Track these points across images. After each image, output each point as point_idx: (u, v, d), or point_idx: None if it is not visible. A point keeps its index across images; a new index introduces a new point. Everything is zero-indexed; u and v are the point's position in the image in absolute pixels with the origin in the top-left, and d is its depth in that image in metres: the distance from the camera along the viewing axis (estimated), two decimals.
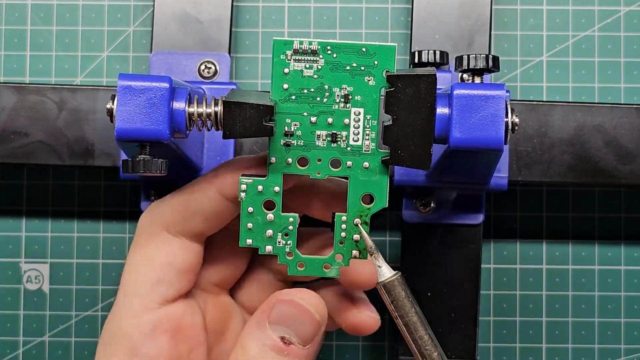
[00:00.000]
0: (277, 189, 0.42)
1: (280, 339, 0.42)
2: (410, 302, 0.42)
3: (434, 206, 0.52)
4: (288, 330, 0.42)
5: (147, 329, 0.43)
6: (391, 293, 0.42)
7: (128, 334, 0.43)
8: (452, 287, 0.52)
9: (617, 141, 0.50)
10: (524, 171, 0.50)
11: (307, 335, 0.42)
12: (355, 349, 0.56)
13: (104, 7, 0.56)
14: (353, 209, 0.43)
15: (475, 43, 0.52)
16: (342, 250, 0.43)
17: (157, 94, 0.41)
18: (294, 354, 0.42)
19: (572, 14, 0.56)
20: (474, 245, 0.52)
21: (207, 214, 0.44)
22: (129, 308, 0.44)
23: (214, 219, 0.44)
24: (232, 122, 0.40)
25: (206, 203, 0.43)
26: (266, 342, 0.42)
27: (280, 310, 0.42)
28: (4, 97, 0.51)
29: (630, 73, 0.55)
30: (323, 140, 0.42)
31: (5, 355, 0.56)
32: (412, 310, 0.42)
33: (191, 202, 0.44)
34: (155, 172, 0.41)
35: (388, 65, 0.41)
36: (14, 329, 0.56)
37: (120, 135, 0.41)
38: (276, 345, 0.42)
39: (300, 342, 0.42)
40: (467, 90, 0.42)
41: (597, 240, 0.56)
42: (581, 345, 0.55)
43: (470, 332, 0.52)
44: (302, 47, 0.41)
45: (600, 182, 0.50)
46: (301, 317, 0.42)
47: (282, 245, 0.43)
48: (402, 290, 0.42)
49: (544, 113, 0.50)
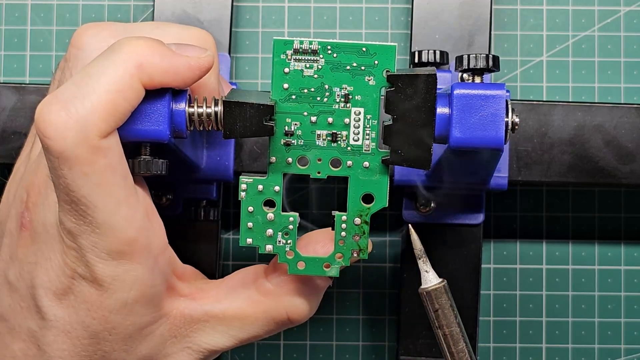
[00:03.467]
0: (277, 188, 0.42)
1: None
2: (454, 312, 0.41)
3: (434, 206, 0.52)
4: None
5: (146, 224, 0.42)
6: (436, 301, 0.41)
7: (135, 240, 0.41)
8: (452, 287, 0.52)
9: (617, 141, 0.50)
10: (524, 171, 0.50)
11: None
12: (355, 349, 0.56)
13: (104, 7, 0.56)
14: (353, 208, 0.43)
15: (475, 43, 0.52)
16: (342, 250, 0.43)
17: (157, 94, 0.41)
18: None
19: (572, 14, 0.56)
20: (474, 245, 0.52)
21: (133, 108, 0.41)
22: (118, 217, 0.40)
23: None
24: (232, 122, 0.40)
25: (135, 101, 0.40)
26: None
27: None
28: (4, 97, 0.51)
29: (630, 73, 0.55)
30: (323, 139, 0.42)
31: None
32: (454, 322, 0.40)
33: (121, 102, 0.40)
34: (155, 172, 0.41)
35: (388, 65, 0.42)
36: None
37: (121, 136, 0.41)
38: None
39: None
40: (467, 89, 0.42)
41: (597, 240, 0.56)
42: (581, 345, 0.56)
43: (470, 332, 0.52)
44: (303, 47, 0.41)
45: (601, 182, 0.51)
46: None
47: (282, 245, 0.43)
48: (447, 299, 0.41)
49: (544, 113, 0.50)
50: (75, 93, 0.39)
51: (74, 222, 0.40)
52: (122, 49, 0.40)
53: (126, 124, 0.40)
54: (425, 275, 0.41)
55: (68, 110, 0.39)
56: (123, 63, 0.40)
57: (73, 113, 0.39)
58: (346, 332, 0.56)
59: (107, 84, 0.39)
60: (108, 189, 0.40)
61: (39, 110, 0.39)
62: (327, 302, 0.56)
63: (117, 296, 0.41)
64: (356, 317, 0.56)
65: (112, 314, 0.42)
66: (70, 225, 0.40)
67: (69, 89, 0.39)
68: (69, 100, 0.39)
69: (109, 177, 0.40)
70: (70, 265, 0.41)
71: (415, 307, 0.52)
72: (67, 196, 0.40)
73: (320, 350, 0.56)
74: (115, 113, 0.39)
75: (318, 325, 0.56)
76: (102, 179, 0.40)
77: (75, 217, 0.40)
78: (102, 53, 0.41)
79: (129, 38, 0.41)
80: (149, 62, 0.40)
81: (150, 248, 0.41)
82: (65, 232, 0.41)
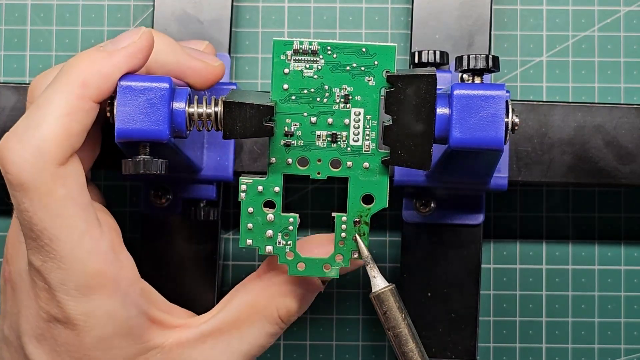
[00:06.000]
0: (277, 189, 0.42)
1: None
2: (402, 314, 0.42)
3: (434, 206, 0.52)
4: None
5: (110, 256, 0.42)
6: (384, 304, 0.42)
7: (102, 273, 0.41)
8: (452, 288, 0.52)
9: (617, 141, 0.50)
10: (524, 171, 0.50)
11: None
12: (355, 349, 0.56)
13: (104, 7, 0.56)
14: (353, 209, 0.43)
15: (475, 43, 0.52)
16: (342, 251, 0.43)
17: (157, 94, 0.41)
18: None
19: (572, 14, 0.56)
20: (474, 246, 0.52)
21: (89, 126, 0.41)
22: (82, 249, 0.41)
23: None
24: (232, 123, 0.40)
25: (88, 119, 0.41)
26: None
27: None
28: (4, 97, 0.51)
29: (630, 73, 0.55)
30: (323, 140, 0.42)
31: None
32: (403, 323, 0.42)
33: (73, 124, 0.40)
34: (155, 172, 0.41)
35: (388, 65, 0.42)
36: None
37: (120, 136, 0.41)
38: None
39: None
40: (467, 90, 0.42)
41: (597, 240, 0.56)
42: (581, 345, 0.56)
43: (470, 332, 0.52)
44: (302, 48, 0.41)
45: (601, 182, 0.50)
46: None
47: (282, 246, 0.43)
48: (394, 302, 0.42)
49: (543, 113, 0.50)
50: (28, 124, 0.40)
51: (41, 258, 0.41)
52: (63, 72, 0.41)
53: (126, 124, 0.40)
54: (374, 281, 0.43)
55: (23, 143, 0.39)
56: (66, 86, 0.40)
57: (27, 144, 0.39)
58: (346, 332, 0.56)
59: (56, 110, 0.40)
60: (69, 220, 0.40)
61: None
62: (327, 302, 0.56)
63: (93, 334, 0.42)
64: (356, 317, 0.56)
65: (92, 351, 0.42)
66: (37, 264, 0.41)
67: (22, 122, 0.40)
68: (23, 133, 0.40)
69: (69, 208, 0.40)
70: (45, 308, 0.42)
71: (415, 306, 0.52)
72: (32, 231, 0.40)
73: (320, 350, 0.56)
74: (69, 137, 0.40)
75: (318, 325, 0.56)
76: (62, 210, 0.40)
77: (41, 253, 0.41)
78: (50, 82, 0.41)
79: (70, 60, 0.41)
80: (92, 76, 0.40)
81: (118, 280, 0.42)
82: (34, 272, 0.41)
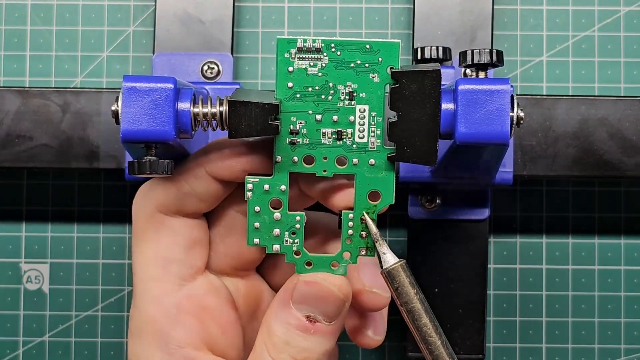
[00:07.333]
0: (284, 187, 0.42)
1: (305, 318, 0.42)
2: (414, 289, 0.42)
3: (440, 202, 0.52)
4: (312, 309, 0.42)
5: (172, 312, 0.43)
6: (395, 280, 0.42)
7: (154, 320, 0.43)
8: (459, 283, 0.52)
9: (621, 134, 0.50)
10: (529, 165, 0.50)
11: (331, 313, 0.42)
12: (356, 349, 0.56)
13: (104, 7, 0.56)
14: (360, 206, 0.43)
15: (478, 38, 0.52)
16: (350, 248, 0.43)
17: (162, 94, 0.41)
18: (321, 331, 0.42)
19: (572, 14, 0.56)
20: (480, 241, 0.52)
21: (200, 195, 0.43)
22: (149, 294, 0.43)
23: (207, 199, 0.44)
24: (237, 122, 0.40)
25: (197, 184, 0.43)
26: (291, 322, 0.42)
27: (303, 291, 0.42)
28: (8, 101, 0.51)
29: (630, 73, 0.56)
30: (328, 138, 0.42)
31: (5, 355, 0.56)
32: (415, 298, 0.41)
33: (182, 183, 0.43)
34: (161, 173, 0.41)
35: (392, 61, 0.41)
36: (14, 329, 0.56)
37: (126, 137, 0.41)
38: (301, 324, 0.41)
39: (326, 319, 0.42)
40: (472, 85, 0.42)
41: (597, 240, 0.56)
42: (581, 345, 0.56)
43: (478, 327, 0.52)
44: (306, 45, 0.41)
45: (605, 174, 0.51)
46: (324, 296, 0.42)
47: (289, 244, 0.43)
48: (405, 277, 0.42)
49: (548, 107, 0.50)
50: None
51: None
52: None
53: (131, 125, 0.40)
54: (384, 257, 0.42)
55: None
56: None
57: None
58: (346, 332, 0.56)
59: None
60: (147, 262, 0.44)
61: None
62: None
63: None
64: None
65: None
66: None
67: None
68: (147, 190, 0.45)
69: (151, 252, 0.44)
70: None
71: None
72: None
73: None
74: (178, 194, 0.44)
75: None
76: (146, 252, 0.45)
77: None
78: None
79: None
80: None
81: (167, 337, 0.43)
82: None
